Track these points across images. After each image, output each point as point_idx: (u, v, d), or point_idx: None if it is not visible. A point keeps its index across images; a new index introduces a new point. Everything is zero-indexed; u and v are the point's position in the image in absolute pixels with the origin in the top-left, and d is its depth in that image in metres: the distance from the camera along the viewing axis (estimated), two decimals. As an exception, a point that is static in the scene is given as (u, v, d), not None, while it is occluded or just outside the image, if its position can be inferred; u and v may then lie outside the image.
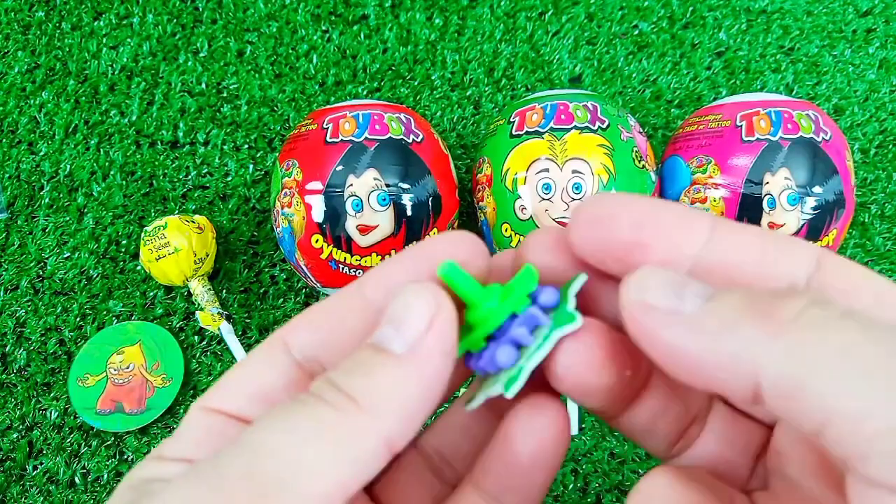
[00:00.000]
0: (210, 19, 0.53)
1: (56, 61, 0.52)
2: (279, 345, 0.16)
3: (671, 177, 0.42)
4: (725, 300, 0.13)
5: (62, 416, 0.44)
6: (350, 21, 0.53)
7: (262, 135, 0.50)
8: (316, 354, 0.16)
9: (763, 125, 0.39)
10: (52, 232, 0.48)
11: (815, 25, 0.54)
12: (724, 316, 0.12)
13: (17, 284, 0.47)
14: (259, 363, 0.16)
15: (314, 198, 0.38)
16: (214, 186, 0.49)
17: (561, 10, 0.54)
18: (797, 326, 0.11)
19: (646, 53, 0.53)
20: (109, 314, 0.46)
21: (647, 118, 0.51)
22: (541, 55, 0.53)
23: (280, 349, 0.16)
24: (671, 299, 0.13)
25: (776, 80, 0.52)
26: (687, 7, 0.54)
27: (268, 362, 0.16)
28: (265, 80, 0.52)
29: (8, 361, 0.45)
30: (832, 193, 0.38)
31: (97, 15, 0.53)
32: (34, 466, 0.43)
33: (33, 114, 0.51)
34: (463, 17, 0.53)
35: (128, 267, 0.47)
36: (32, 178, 0.49)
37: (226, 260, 0.47)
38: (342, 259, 0.39)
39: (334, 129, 0.39)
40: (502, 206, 0.40)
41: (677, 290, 0.13)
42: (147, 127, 0.50)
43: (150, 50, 0.52)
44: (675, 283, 0.13)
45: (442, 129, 0.51)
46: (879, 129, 0.51)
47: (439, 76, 0.52)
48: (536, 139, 0.39)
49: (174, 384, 0.44)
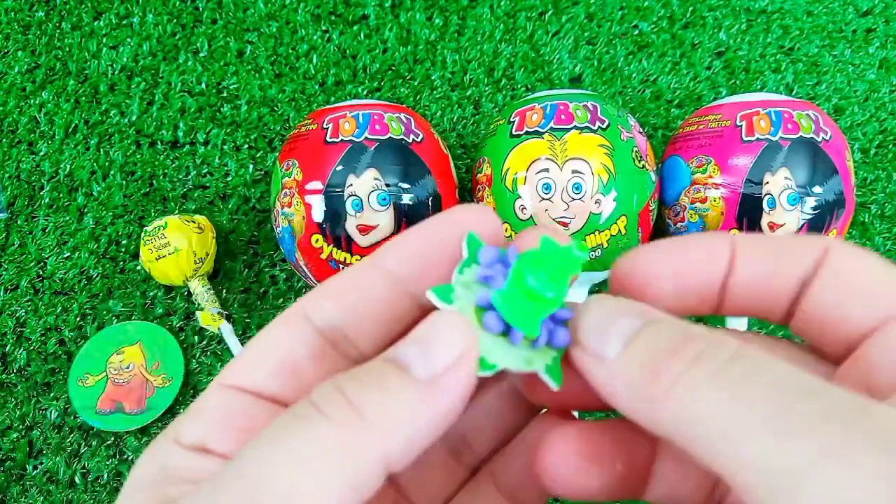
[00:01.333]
0: (210, 19, 0.53)
1: (56, 61, 0.52)
2: (299, 316, 0.16)
3: (671, 177, 0.42)
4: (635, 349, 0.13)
5: (62, 416, 0.44)
6: (350, 21, 0.53)
7: (262, 135, 0.50)
8: (340, 324, 0.15)
9: (763, 125, 0.39)
10: (52, 232, 0.48)
11: (815, 25, 0.54)
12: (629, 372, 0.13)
13: (17, 284, 0.47)
14: (280, 335, 0.16)
15: (314, 198, 0.38)
16: (214, 186, 0.49)
17: (561, 10, 0.54)
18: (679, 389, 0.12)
19: (646, 53, 0.53)
20: (109, 314, 0.46)
21: (647, 118, 0.51)
22: (541, 55, 0.53)
23: (301, 319, 0.15)
24: (597, 342, 0.14)
25: (776, 80, 0.52)
26: (687, 7, 0.54)
27: (289, 333, 0.15)
28: (265, 80, 0.52)
29: (8, 361, 0.45)
30: (832, 193, 0.38)
31: (97, 15, 0.53)
32: (34, 466, 0.43)
33: (33, 114, 0.51)
34: (463, 17, 0.53)
35: (128, 267, 0.47)
36: (32, 178, 0.49)
37: (226, 260, 0.47)
38: (342, 259, 0.39)
39: (334, 128, 0.39)
40: (502, 205, 0.40)
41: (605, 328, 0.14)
42: (147, 127, 0.50)
43: (150, 50, 0.52)
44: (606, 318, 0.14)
45: (442, 129, 0.51)
46: (879, 129, 0.51)
47: (439, 76, 0.52)
48: (536, 139, 0.39)
49: (174, 384, 0.44)
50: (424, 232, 0.16)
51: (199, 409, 0.15)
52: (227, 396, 0.15)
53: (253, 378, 0.15)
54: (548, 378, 0.15)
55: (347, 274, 0.16)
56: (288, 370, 0.15)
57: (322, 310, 0.15)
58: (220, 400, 0.15)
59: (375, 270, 0.16)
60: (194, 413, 0.15)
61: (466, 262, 0.15)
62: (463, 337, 0.14)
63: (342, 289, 0.16)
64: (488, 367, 0.14)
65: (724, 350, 0.12)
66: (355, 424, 0.12)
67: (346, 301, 0.15)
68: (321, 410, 0.13)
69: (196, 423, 0.15)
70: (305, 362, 0.15)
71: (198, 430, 0.15)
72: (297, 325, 0.15)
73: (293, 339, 0.15)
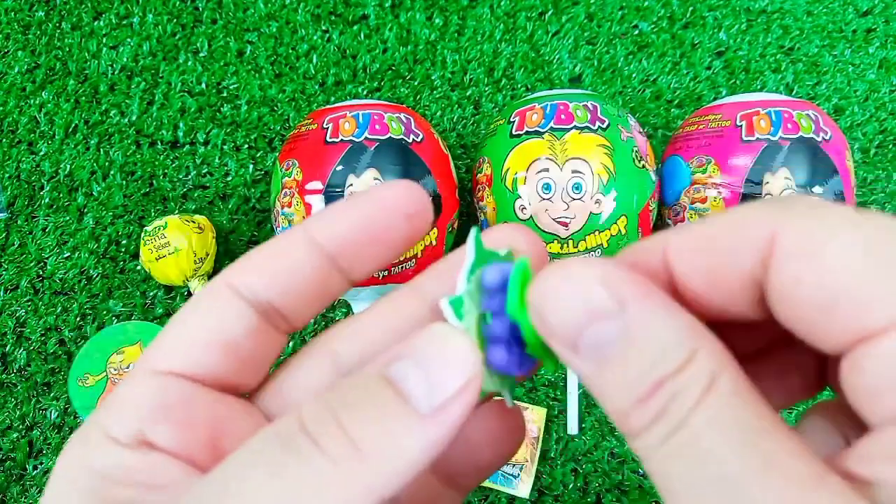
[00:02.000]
0: (210, 19, 0.53)
1: (56, 61, 0.52)
2: (225, 290, 0.14)
3: (671, 176, 0.42)
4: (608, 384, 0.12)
5: (62, 416, 0.44)
6: (350, 21, 0.53)
7: (262, 135, 0.50)
8: (268, 297, 0.15)
9: (763, 125, 0.39)
10: (52, 232, 0.48)
11: (815, 25, 0.54)
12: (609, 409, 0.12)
13: (17, 284, 0.47)
14: (208, 311, 0.14)
15: (314, 198, 0.38)
16: (214, 186, 0.49)
17: (561, 10, 0.54)
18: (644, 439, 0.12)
19: (646, 53, 0.53)
20: (109, 314, 0.46)
21: (647, 118, 0.51)
22: (541, 55, 0.53)
23: (228, 294, 0.14)
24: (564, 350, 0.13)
25: (776, 80, 0.52)
26: (687, 7, 0.54)
27: (218, 308, 0.14)
28: (265, 80, 0.52)
29: (8, 361, 0.45)
30: (832, 193, 0.38)
31: (97, 15, 0.53)
32: (34, 466, 0.43)
33: (33, 114, 0.51)
34: (463, 17, 0.53)
35: (128, 267, 0.47)
36: (32, 178, 0.49)
37: (226, 260, 0.47)
38: (342, 259, 0.39)
39: (334, 128, 0.39)
40: (502, 205, 0.40)
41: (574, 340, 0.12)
42: (147, 127, 0.50)
43: (150, 50, 0.52)
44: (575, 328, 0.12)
45: (442, 129, 0.51)
46: (879, 129, 0.51)
47: (439, 76, 0.52)
48: (536, 139, 0.39)
49: (174, 384, 0.44)
50: (355, 208, 0.15)
51: (126, 399, 0.14)
52: (160, 382, 0.14)
53: (186, 360, 0.14)
54: (508, 396, 0.15)
55: (273, 243, 0.15)
56: (223, 348, 0.14)
57: (247, 283, 0.14)
58: (153, 388, 0.14)
59: (305, 244, 0.15)
60: (121, 403, 0.13)
61: (472, 269, 0.15)
62: (469, 366, 0.13)
63: (270, 262, 0.15)
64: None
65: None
66: (354, 461, 0.12)
67: (275, 275, 0.15)
68: (315, 440, 0.12)
69: (128, 416, 0.13)
70: (240, 338, 0.14)
71: (131, 423, 0.13)
72: (227, 301, 0.14)
73: (224, 315, 0.14)
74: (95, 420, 0.14)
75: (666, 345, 0.12)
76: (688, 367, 0.11)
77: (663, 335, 0.12)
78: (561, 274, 0.13)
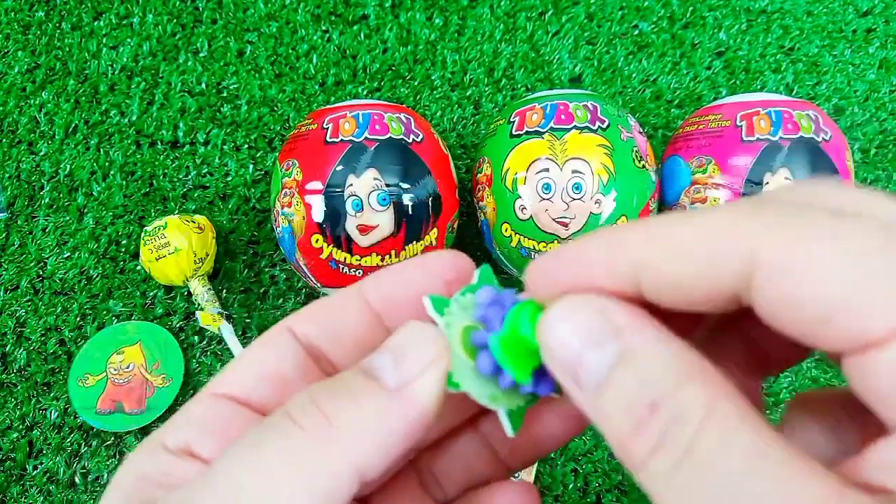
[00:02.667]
0: (210, 19, 0.53)
1: (56, 61, 0.52)
2: (285, 332, 0.17)
3: (671, 177, 0.42)
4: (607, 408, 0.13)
5: (62, 416, 0.44)
6: (350, 21, 0.53)
7: (262, 135, 0.50)
8: (319, 345, 0.17)
9: (763, 125, 0.39)
10: (52, 232, 0.48)
11: (815, 25, 0.54)
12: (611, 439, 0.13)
13: (17, 284, 0.47)
14: (267, 349, 0.16)
15: (314, 198, 0.38)
16: (214, 186, 0.49)
17: (561, 10, 0.54)
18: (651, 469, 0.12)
19: (646, 53, 0.53)
20: (109, 314, 0.46)
21: (647, 118, 0.51)
22: (541, 55, 0.53)
23: (286, 336, 0.17)
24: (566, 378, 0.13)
25: (776, 80, 0.52)
26: (687, 7, 0.54)
27: (276, 348, 0.16)
28: (265, 80, 0.52)
29: (8, 361, 0.45)
30: (832, 193, 0.38)
31: (97, 15, 0.53)
32: (34, 466, 0.43)
33: (33, 114, 0.51)
34: (463, 17, 0.53)
35: (128, 267, 0.47)
36: (32, 178, 0.49)
37: (226, 260, 0.47)
38: (342, 259, 0.39)
39: (334, 128, 0.39)
40: (502, 205, 0.40)
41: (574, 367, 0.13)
42: (147, 127, 0.50)
43: (150, 50, 0.52)
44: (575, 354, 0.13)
45: (442, 129, 0.51)
46: (879, 129, 0.51)
47: (439, 76, 0.52)
48: (536, 139, 0.39)
49: (174, 384, 0.44)
50: (403, 272, 0.17)
51: (185, 416, 0.16)
52: (214, 404, 0.16)
53: (240, 387, 0.16)
54: (506, 421, 0.15)
55: (332, 298, 0.17)
56: (273, 381, 0.16)
57: (304, 330, 0.17)
58: (207, 407, 0.16)
59: (355, 300, 0.17)
60: (181, 419, 0.16)
61: (471, 288, 0.16)
62: (433, 346, 0.14)
63: (325, 312, 0.17)
64: (452, 385, 0.15)
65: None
66: (325, 433, 0.13)
67: (326, 325, 0.17)
68: (294, 420, 0.13)
69: (182, 429, 0.15)
70: (290, 374, 0.16)
71: (183, 435, 0.15)
72: (283, 342, 0.16)
73: (279, 353, 0.16)
74: (158, 431, 0.16)
75: (659, 367, 0.12)
76: (683, 390, 0.12)
77: (656, 359, 0.12)
78: (562, 305, 0.14)
